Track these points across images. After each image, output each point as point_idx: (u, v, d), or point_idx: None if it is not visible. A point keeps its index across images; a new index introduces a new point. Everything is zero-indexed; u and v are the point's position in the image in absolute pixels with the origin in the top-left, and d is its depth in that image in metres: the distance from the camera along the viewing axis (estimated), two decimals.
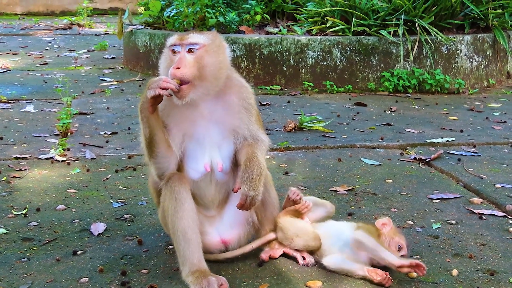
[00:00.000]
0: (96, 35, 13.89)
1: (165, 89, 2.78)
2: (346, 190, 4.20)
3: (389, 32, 7.46)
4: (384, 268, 2.90)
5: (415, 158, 4.91)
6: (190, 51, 2.90)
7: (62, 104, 6.70)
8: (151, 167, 3.04)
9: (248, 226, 3.21)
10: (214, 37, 3.00)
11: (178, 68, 2.84)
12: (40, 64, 9.73)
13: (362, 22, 7.62)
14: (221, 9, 8.32)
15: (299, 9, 8.60)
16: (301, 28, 8.06)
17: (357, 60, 7.52)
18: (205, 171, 3.03)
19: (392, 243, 3.03)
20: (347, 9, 7.71)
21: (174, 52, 2.92)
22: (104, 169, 4.63)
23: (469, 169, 4.65)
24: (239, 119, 3.04)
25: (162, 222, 3.14)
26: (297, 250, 3.16)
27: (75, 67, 9.48)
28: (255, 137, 3.06)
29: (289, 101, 7.01)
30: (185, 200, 2.94)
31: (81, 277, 2.99)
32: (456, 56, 7.63)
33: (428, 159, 4.87)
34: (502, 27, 7.90)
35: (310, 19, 8.13)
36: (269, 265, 3.12)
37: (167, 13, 8.70)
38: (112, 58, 10.39)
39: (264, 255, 3.17)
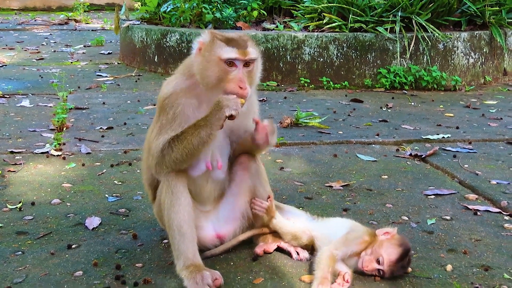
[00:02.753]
0: (92, 30, 13.87)
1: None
2: (341, 186, 4.20)
3: (386, 29, 7.45)
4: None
5: (410, 154, 4.92)
6: (246, 65, 2.89)
7: (58, 99, 6.68)
8: (159, 165, 2.95)
9: (243, 220, 3.22)
10: (256, 48, 2.98)
11: (241, 88, 2.83)
12: (36, 59, 9.71)
13: (359, 18, 7.62)
14: (218, 4, 8.31)
15: (296, 5, 8.59)
16: (298, 24, 8.06)
17: (353, 57, 7.52)
18: (206, 169, 3.04)
19: (375, 254, 2.92)
20: (344, 6, 7.70)
21: (231, 64, 2.86)
22: (99, 163, 4.63)
23: (465, 166, 4.65)
24: (246, 119, 3.05)
25: (158, 216, 3.14)
26: (291, 245, 3.17)
27: (72, 62, 9.46)
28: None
29: (285, 97, 7.01)
30: (182, 194, 2.94)
31: (75, 270, 2.99)
32: (453, 53, 7.63)
33: (424, 155, 4.88)
34: (499, 24, 7.91)
35: (307, 16, 8.13)
36: (264, 260, 3.12)
37: (164, 8, 8.69)
38: (109, 53, 10.37)
39: (258, 250, 3.17)
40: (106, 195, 3.99)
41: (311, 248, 3.16)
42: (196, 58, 2.94)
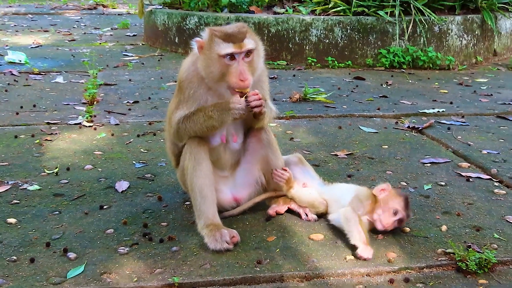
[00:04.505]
0: (119, 14, 13.77)
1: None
2: (345, 155, 4.18)
3: (386, 13, 7.35)
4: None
5: (408, 127, 4.88)
6: (246, 55, 2.83)
7: (89, 76, 6.67)
8: (176, 136, 3.00)
9: (257, 186, 3.22)
10: (254, 37, 2.91)
11: (242, 80, 2.79)
12: (69, 41, 9.67)
13: (361, 3, 7.51)
14: None
15: None
16: (305, 9, 7.96)
17: (356, 38, 7.43)
18: (221, 142, 3.04)
19: (387, 209, 2.94)
20: None
21: (231, 58, 2.80)
22: (127, 133, 4.62)
23: (458, 137, 4.62)
24: None
25: (181, 180, 3.15)
26: (301, 206, 3.16)
27: (100, 43, 9.42)
28: (266, 106, 3.04)
29: (294, 75, 6.95)
30: (203, 160, 2.94)
31: (107, 228, 3.01)
32: (447, 35, 7.53)
33: (421, 128, 4.84)
34: (490, 8, 7.77)
35: (314, 0, 8.01)
36: (276, 220, 3.13)
37: None
38: (134, 35, 10.31)
39: (271, 211, 3.18)
40: (134, 162, 3.99)
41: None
42: (200, 56, 2.89)
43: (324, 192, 3.19)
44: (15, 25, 11.44)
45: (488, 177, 3.78)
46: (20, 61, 7.47)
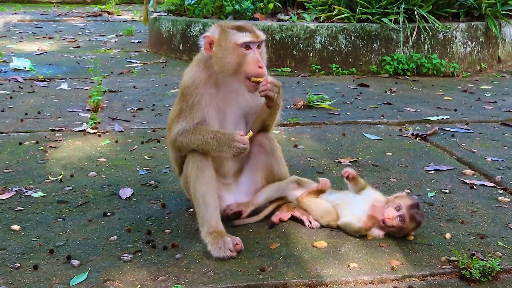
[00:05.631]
0: (123, 21, 13.83)
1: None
2: (349, 162, 4.18)
3: (390, 20, 7.36)
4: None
5: (412, 134, 4.88)
6: (258, 47, 2.90)
7: (93, 82, 6.69)
8: (174, 146, 3.03)
9: None
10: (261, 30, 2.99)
11: (260, 67, 2.85)
12: (73, 47, 9.71)
13: (365, 10, 7.53)
14: None
15: None
16: (310, 16, 7.98)
17: (360, 45, 7.44)
18: None
19: (392, 205, 3.00)
20: None
21: (247, 47, 2.86)
22: (131, 140, 4.63)
23: (462, 144, 4.61)
24: (261, 99, 3.02)
25: (184, 187, 3.15)
26: (304, 213, 3.16)
27: (105, 50, 9.46)
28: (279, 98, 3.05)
29: (298, 82, 6.96)
30: (206, 167, 2.94)
31: (110, 235, 3.01)
32: (451, 42, 7.53)
33: (425, 135, 4.83)
34: (494, 16, 7.77)
35: (318, 7, 8.04)
36: (279, 227, 3.12)
37: (188, 1, 8.64)
38: (138, 42, 10.35)
39: (274, 218, 3.17)
40: (137, 169, 4.00)
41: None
42: (214, 50, 2.90)
43: (334, 199, 3.18)
44: (20, 32, 11.51)
45: (492, 184, 3.77)
46: (25, 68, 7.50)
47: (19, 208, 3.34)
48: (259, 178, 3.20)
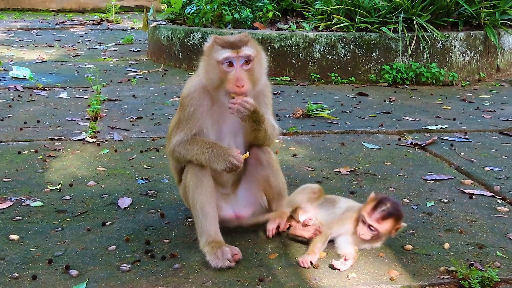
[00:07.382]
0: (123, 30, 13.87)
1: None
2: (348, 171, 4.19)
3: (389, 29, 7.38)
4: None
5: (411, 143, 4.89)
6: (245, 63, 2.83)
7: (93, 91, 6.70)
8: (173, 157, 3.04)
9: (259, 205, 3.22)
10: (256, 46, 2.91)
11: (238, 86, 2.78)
12: (73, 56, 9.74)
13: (364, 19, 7.56)
14: (237, 6, 8.27)
15: (307, 7, 8.53)
16: (309, 25, 8.01)
17: (359, 54, 7.47)
18: None
19: (359, 218, 2.91)
20: (351, 8, 7.64)
21: (230, 64, 2.81)
22: (130, 149, 4.64)
23: (461, 154, 4.62)
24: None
25: (183, 197, 3.15)
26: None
27: (104, 58, 9.48)
28: (266, 122, 3.04)
29: (297, 91, 6.98)
30: (204, 177, 2.95)
31: (109, 245, 3.01)
32: (450, 51, 7.55)
33: (424, 144, 4.84)
34: (493, 25, 7.80)
35: (317, 17, 8.07)
36: (278, 237, 3.12)
37: (188, 10, 8.68)
38: (138, 51, 10.37)
39: (273, 228, 3.16)
40: (136, 178, 4.00)
41: None
42: (202, 63, 2.93)
43: (318, 213, 3.14)
44: (20, 40, 11.54)
45: (491, 194, 3.78)
46: (25, 76, 7.52)
47: (18, 217, 3.34)
48: (257, 190, 3.20)
